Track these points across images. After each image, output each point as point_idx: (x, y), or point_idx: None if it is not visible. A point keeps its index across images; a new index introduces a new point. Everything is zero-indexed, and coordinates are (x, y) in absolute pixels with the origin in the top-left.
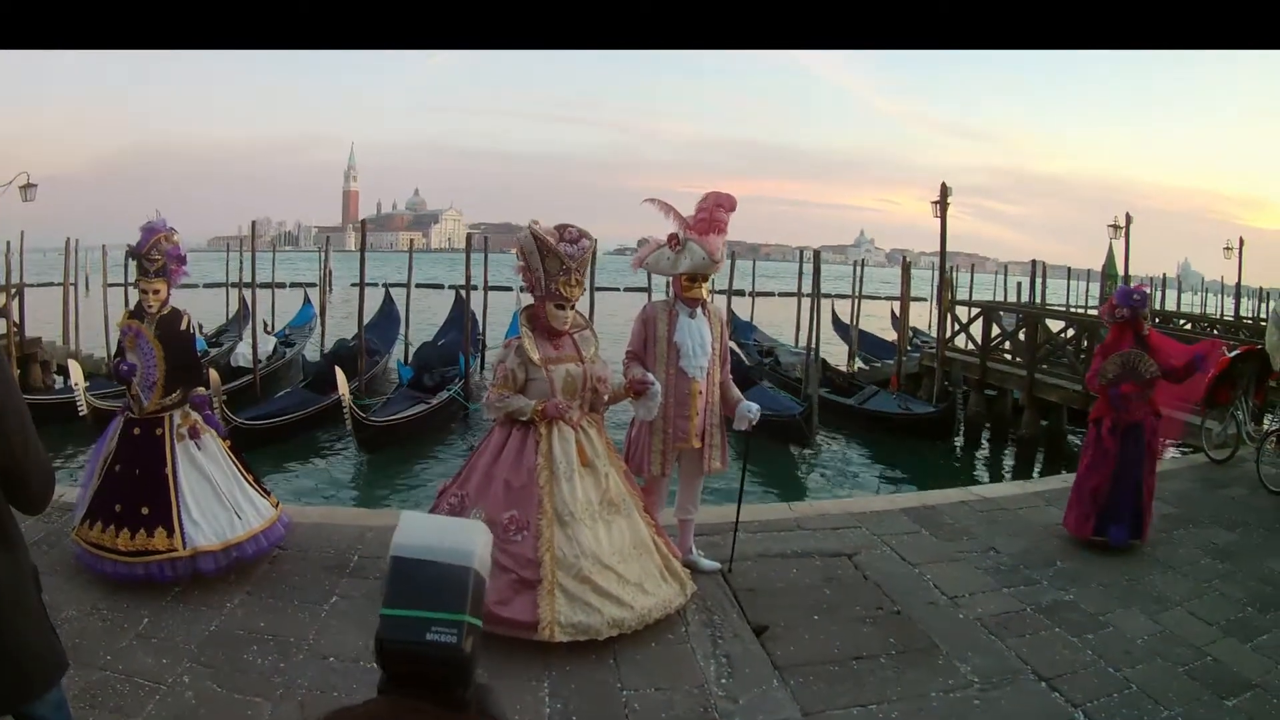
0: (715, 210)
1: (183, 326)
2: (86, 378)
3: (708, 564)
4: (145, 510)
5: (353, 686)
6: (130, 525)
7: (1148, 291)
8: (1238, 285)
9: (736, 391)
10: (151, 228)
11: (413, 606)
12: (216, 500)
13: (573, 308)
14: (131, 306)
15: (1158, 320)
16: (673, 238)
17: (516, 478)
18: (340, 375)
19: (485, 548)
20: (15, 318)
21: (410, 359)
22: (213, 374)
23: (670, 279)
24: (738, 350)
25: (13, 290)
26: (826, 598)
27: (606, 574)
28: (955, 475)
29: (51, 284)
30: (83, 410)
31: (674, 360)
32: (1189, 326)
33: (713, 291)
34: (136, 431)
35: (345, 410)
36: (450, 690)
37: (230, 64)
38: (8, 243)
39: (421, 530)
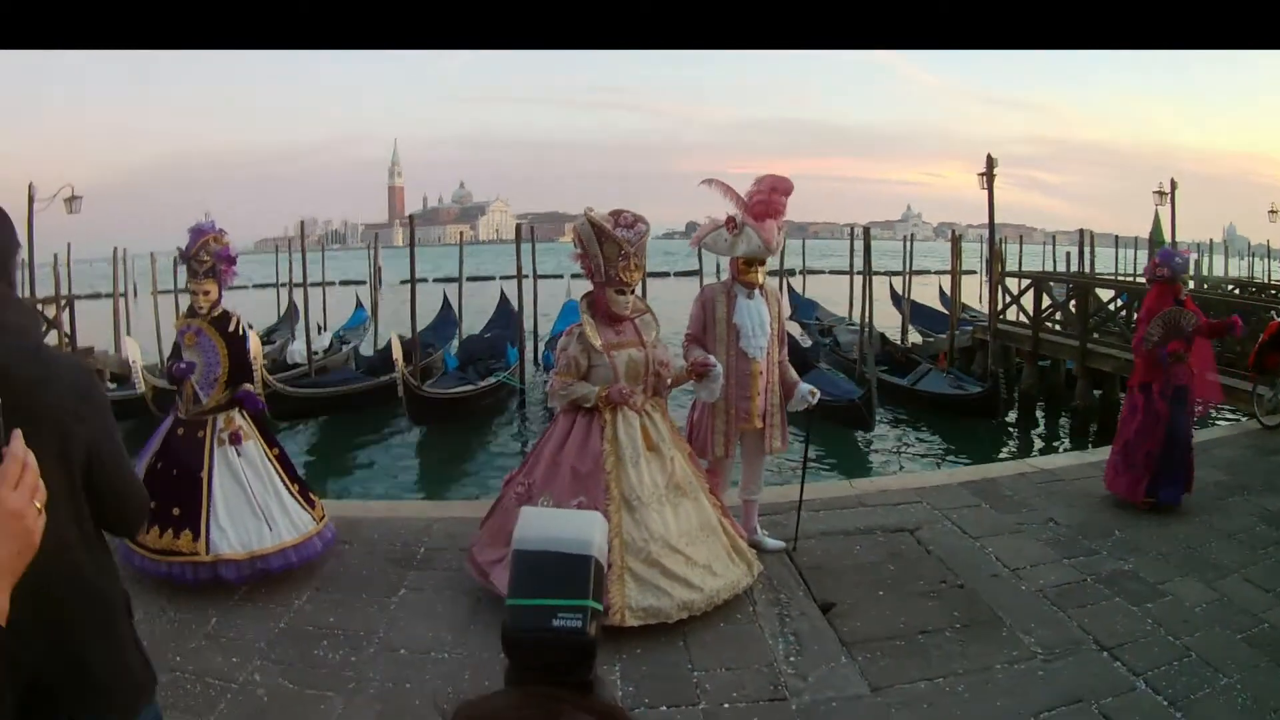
0: (772, 195)
1: (232, 328)
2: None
3: (773, 543)
4: (176, 511)
5: (425, 678)
6: (160, 523)
7: (1191, 257)
8: None
9: (794, 373)
10: (199, 229)
11: (538, 595)
12: (248, 509)
13: (632, 292)
14: (184, 310)
15: (1205, 286)
16: (730, 221)
17: (583, 464)
18: (397, 343)
19: (603, 535)
20: (66, 329)
21: (457, 351)
22: (254, 339)
23: (727, 260)
24: (793, 334)
25: (62, 302)
26: (890, 573)
27: (675, 557)
28: (1012, 448)
29: (100, 295)
30: (140, 388)
31: (734, 342)
32: (1236, 291)
33: (766, 273)
34: (181, 432)
35: (399, 378)
36: (576, 674)
37: (266, 68)
38: (55, 255)
39: (541, 523)
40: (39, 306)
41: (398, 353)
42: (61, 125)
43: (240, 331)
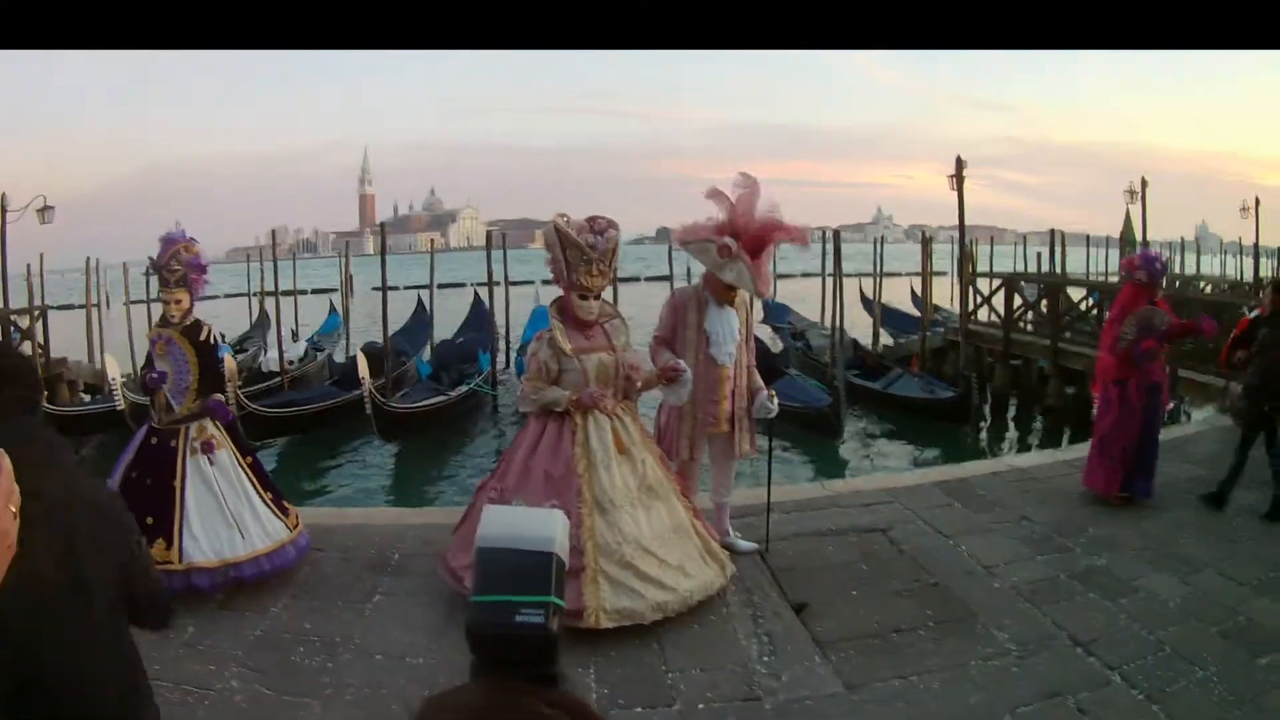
0: (773, 231)
1: (203, 337)
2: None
3: (745, 545)
4: (150, 520)
5: (401, 682)
6: None
7: (1167, 261)
8: (1255, 245)
9: (759, 380)
10: (170, 239)
11: (501, 592)
12: (221, 517)
13: (597, 298)
14: (157, 319)
15: (1178, 284)
16: (725, 248)
17: (555, 468)
18: (363, 360)
19: (564, 533)
20: (40, 339)
21: (430, 358)
22: (229, 360)
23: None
24: (764, 339)
25: (35, 313)
26: (863, 573)
27: (648, 558)
28: (984, 447)
29: (73, 306)
30: (120, 405)
31: (704, 347)
32: (1208, 289)
33: None
34: (154, 441)
35: (366, 395)
36: (540, 669)
37: (238, 77)
38: (28, 266)
39: (503, 521)
40: (12, 318)
41: (364, 371)
42: (33, 136)
43: (212, 340)
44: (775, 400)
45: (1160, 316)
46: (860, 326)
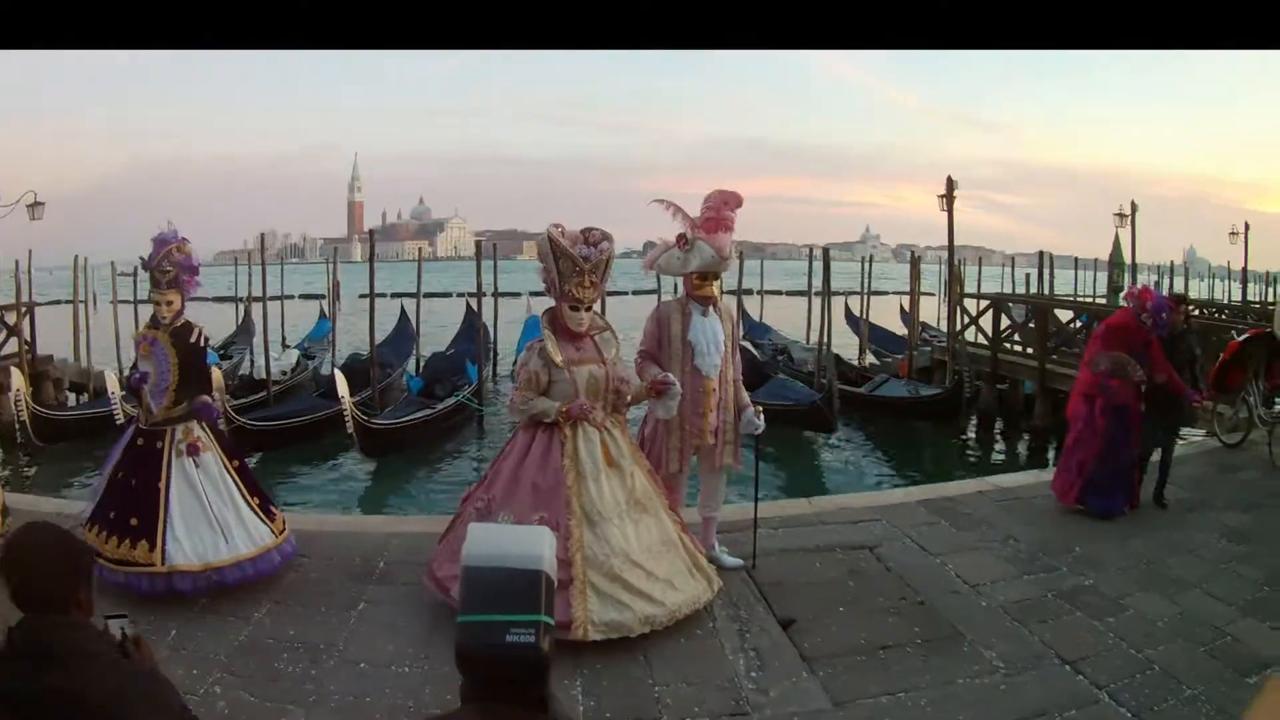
0: (722, 208)
1: (193, 339)
2: (96, 396)
3: (731, 561)
4: (134, 521)
5: (385, 691)
6: (119, 533)
7: (1153, 279)
8: (1244, 270)
9: (745, 396)
10: (163, 239)
11: (490, 611)
12: (205, 521)
13: (588, 309)
14: (147, 320)
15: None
16: (681, 238)
17: (544, 479)
18: (341, 379)
19: (552, 550)
20: (27, 336)
21: (421, 370)
22: (215, 372)
23: (681, 279)
24: (751, 348)
25: (23, 309)
26: (850, 590)
27: (636, 571)
28: (971, 467)
29: (59, 302)
30: (119, 419)
31: (688, 359)
32: (1197, 312)
33: (723, 291)
34: (140, 442)
35: (346, 415)
36: (531, 690)
37: (230, 80)
38: (16, 262)
39: (490, 539)
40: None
41: (343, 389)
42: (20, 132)
43: (201, 342)
44: (762, 417)
45: (1134, 370)
46: (845, 346)
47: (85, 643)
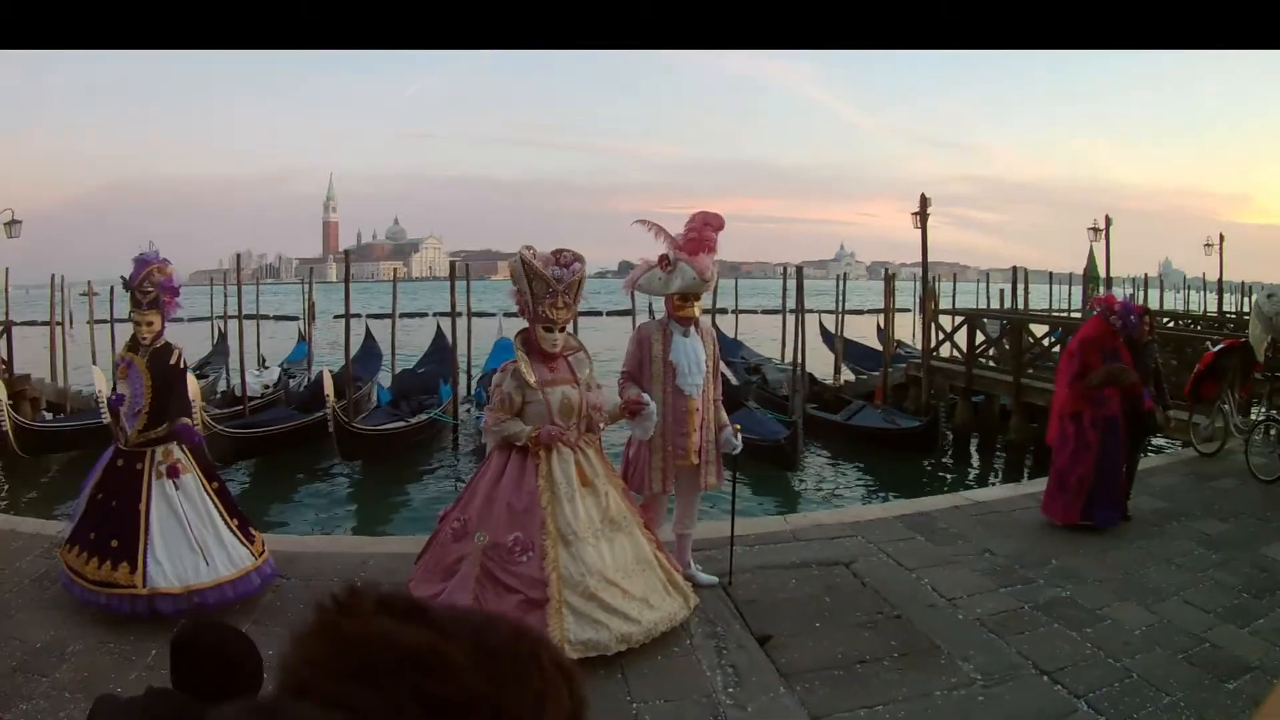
0: (704, 229)
1: (173, 361)
2: (74, 413)
3: (706, 578)
4: (115, 543)
5: None
6: (99, 555)
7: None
8: (1219, 281)
9: (724, 416)
10: (144, 259)
11: None
12: (185, 542)
13: (561, 330)
14: (126, 340)
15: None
16: (663, 259)
17: (519, 500)
18: (328, 377)
19: None
20: (4, 355)
21: (390, 385)
22: (192, 381)
23: (663, 299)
24: (726, 371)
25: (0, 328)
26: (827, 605)
27: (612, 590)
28: (946, 482)
29: (35, 322)
30: (106, 418)
31: (670, 379)
32: (1171, 324)
33: (701, 310)
34: (120, 463)
35: (329, 413)
36: None
37: (208, 98)
38: None
39: None
40: None
41: (329, 388)
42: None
43: (181, 364)
44: (740, 436)
45: (1128, 375)
46: (819, 364)
47: None
